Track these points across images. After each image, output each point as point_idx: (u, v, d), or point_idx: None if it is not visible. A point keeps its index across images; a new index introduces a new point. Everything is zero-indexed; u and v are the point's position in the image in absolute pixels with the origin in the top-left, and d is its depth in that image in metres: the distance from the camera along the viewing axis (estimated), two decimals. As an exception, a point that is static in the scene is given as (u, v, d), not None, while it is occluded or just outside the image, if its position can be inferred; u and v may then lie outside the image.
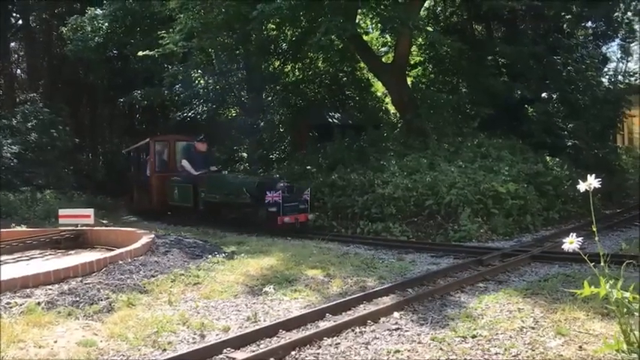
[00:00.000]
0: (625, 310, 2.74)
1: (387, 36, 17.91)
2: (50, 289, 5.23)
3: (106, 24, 17.94)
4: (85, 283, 5.48)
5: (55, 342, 4.00)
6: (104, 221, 12.05)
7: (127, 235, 8.43)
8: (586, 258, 2.90)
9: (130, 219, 14.72)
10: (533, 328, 4.01)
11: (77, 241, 8.87)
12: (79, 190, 17.24)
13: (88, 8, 18.07)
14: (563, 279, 5.48)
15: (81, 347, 3.92)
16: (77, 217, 9.24)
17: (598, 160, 14.06)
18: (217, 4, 12.94)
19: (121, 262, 6.26)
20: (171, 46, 13.41)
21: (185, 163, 12.81)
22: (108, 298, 5.11)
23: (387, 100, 18.95)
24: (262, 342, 4.05)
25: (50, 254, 8.14)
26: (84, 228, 9.05)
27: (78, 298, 5.04)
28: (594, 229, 2.95)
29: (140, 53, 14.81)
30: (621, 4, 16.26)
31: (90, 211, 9.24)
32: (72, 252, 8.35)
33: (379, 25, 14.92)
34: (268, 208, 9.93)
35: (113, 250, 7.18)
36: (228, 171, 15.57)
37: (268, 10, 11.74)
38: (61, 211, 9.47)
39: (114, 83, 21.50)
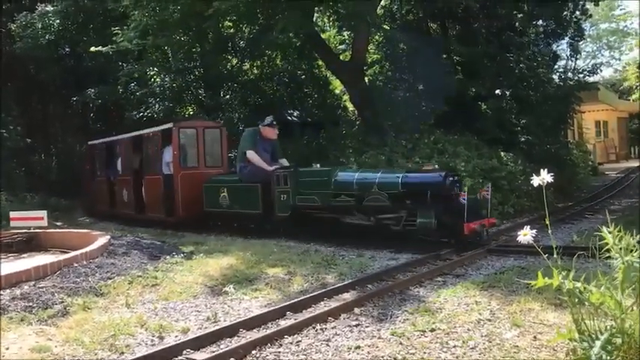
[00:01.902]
0: (577, 300, 2.82)
1: (345, 34, 18.00)
2: (1, 294, 5.07)
3: (57, 21, 17.46)
4: (39, 287, 5.33)
5: (7, 349, 3.88)
6: (58, 223, 11.75)
7: (82, 236, 8.24)
8: (540, 250, 2.97)
9: (85, 220, 14.36)
10: (489, 320, 4.09)
11: (30, 244, 8.62)
12: (31, 192, 16.71)
13: (38, 4, 17.55)
14: (519, 271, 5.61)
15: (35, 353, 3.82)
16: (30, 219, 8.99)
17: (550, 154, 14.47)
18: (172, 1, 12.74)
19: (76, 264, 6.12)
20: (125, 44, 13.16)
21: (252, 154, 9.35)
22: (63, 302, 4.99)
23: (346, 97, 19.04)
24: (222, 342, 4.02)
25: (2, 258, 7.88)
26: (37, 230, 8.81)
27: (31, 303, 4.90)
28: (547, 222, 3.03)
29: (92, 49, 14.47)
30: (570, 4, 16.74)
31: (43, 213, 9.00)
32: (25, 255, 8.10)
33: (337, 22, 14.98)
34: (446, 212, 7.31)
35: (68, 252, 7.00)
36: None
37: (224, 7, 11.64)
38: (13, 214, 9.20)
39: (66, 82, 20.88)
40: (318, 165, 9.21)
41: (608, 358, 2.61)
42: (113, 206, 13.78)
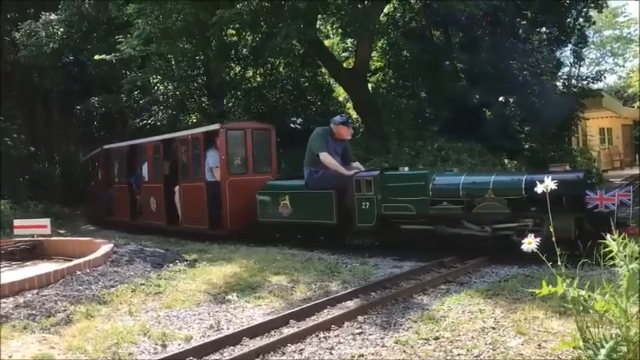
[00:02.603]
0: (581, 307, 2.80)
1: (348, 41, 18.06)
2: (5, 302, 5.06)
3: (62, 29, 17.57)
4: (42, 296, 5.32)
5: (10, 357, 3.87)
6: (61, 231, 11.76)
7: (85, 244, 8.24)
8: (544, 258, 2.96)
9: (88, 228, 14.39)
10: (494, 328, 4.07)
11: (33, 252, 8.62)
12: (34, 200, 16.79)
13: (42, 13, 17.66)
14: (523, 279, 5.58)
15: (37, 362, 3.81)
16: (33, 227, 8.99)
17: (554, 161, 14.45)
18: (175, 10, 12.81)
19: (79, 272, 6.11)
20: (129, 51, 13.24)
21: (326, 157, 8.17)
22: (66, 310, 4.98)
23: (349, 105, 19.10)
24: (225, 350, 4.00)
25: (5, 266, 7.88)
26: (40, 238, 8.80)
27: (34, 311, 4.89)
28: (552, 230, 3.01)
29: (97, 57, 14.55)
30: (573, 11, 16.79)
31: (46, 221, 9.00)
32: (28, 263, 8.11)
33: (340, 30, 15.04)
34: (588, 219, 6.38)
35: (71, 260, 6.99)
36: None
37: (228, 15, 11.71)
38: (17, 222, 9.20)
39: (70, 90, 21.03)
40: (407, 168, 8.60)
41: (614, 366, 2.59)
42: (135, 216, 12.76)
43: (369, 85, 16.70)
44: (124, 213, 13.12)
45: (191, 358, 3.78)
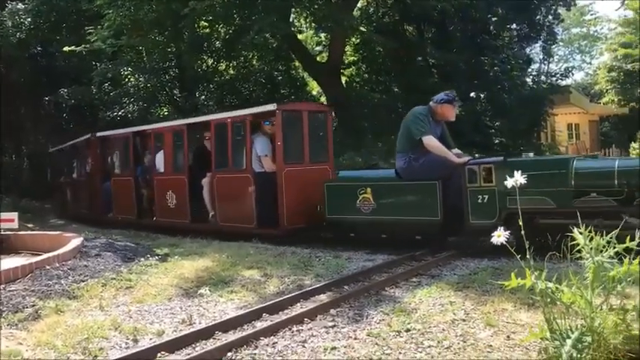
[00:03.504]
0: (549, 300, 2.87)
1: (322, 35, 18.07)
2: (-30, 298, 4.97)
3: (29, 19, 17.21)
4: (9, 291, 5.23)
5: (-23, 353, 3.80)
6: (30, 225, 11.54)
7: (54, 239, 8.11)
8: (513, 251, 3.01)
9: (57, 222, 14.15)
10: (464, 320, 4.13)
11: (0, 246, 8.45)
12: (1, 193, 16.43)
13: (9, 2, 17.25)
14: (492, 272, 5.66)
15: (4, 358, 3.74)
16: (1, 221, 8.81)
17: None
18: (147, 1, 12.65)
19: (48, 267, 6.01)
20: (99, 43, 13.02)
21: (431, 140, 6.98)
22: (34, 305, 4.90)
23: (323, 99, 19.10)
24: (198, 344, 3.99)
25: (-30, 261, 7.72)
26: (7, 233, 8.63)
27: (1, 307, 4.80)
28: (520, 223, 3.07)
29: (66, 48, 14.28)
30: (542, 9, 17.05)
31: (14, 215, 8.82)
32: (-6, 258, 7.95)
33: (313, 24, 15.03)
34: None
35: (40, 254, 6.88)
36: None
37: (200, 7, 11.60)
38: (-18, 216, 9.00)
39: (38, 81, 20.60)
40: (531, 154, 7.62)
41: (579, 356, 2.66)
42: (144, 214, 11.24)
43: (343, 80, 16.73)
44: (128, 210, 11.43)
45: (163, 352, 3.76)
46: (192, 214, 9.80)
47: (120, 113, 16.98)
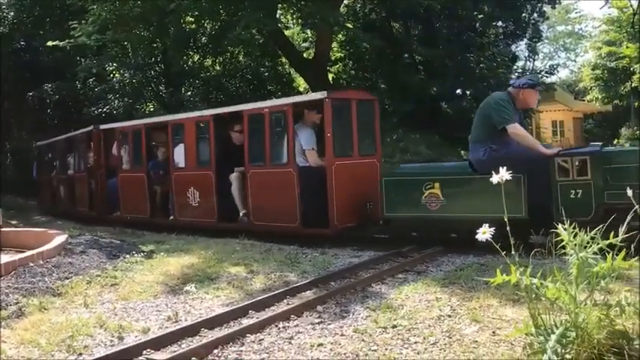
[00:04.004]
0: (533, 295, 2.89)
1: (308, 31, 18.04)
2: (-48, 296, 4.91)
3: (12, 13, 17.01)
4: (-8, 288, 5.17)
5: (-41, 352, 3.75)
6: (13, 222, 11.41)
7: (38, 235, 8.02)
8: (498, 247, 3.03)
9: (41, 219, 14.00)
10: (450, 316, 4.15)
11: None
12: (-16, 190, 16.24)
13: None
14: (478, 268, 5.70)
15: (-13, 356, 3.70)
16: (-18, 218, 8.71)
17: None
18: (132, -4, 12.56)
19: (32, 264, 5.95)
20: (83, 39, 12.89)
21: (518, 129, 6.40)
22: (18, 302, 4.85)
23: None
24: (184, 342, 3.97)
25: (-48, 258, 7.62)
26: (-10, 229, 8.54)
27: (-16, 304, 4.76)
28: (506, 220, 3.09)
29: (50, 43, 14.11)
30: (528, 6, 17.17)
31: (-3, 212, 8.74)
32: (-23, 255, 7.86)
33: (300, 20, 15.00)
34: None
35: (23, 251, 6.81)
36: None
37: (186, 2, 11.53)
38: (-36, 213, 8.87)
39: (22, 76, 20.36)
40: (627, 144, 7.02)
41: (563, 351, 2.68)
42: (156, 212, 10.52)
43: (330, 76, 16.73)
44: (139, 209, 10.65)
45: (148, 349, 3.74)
46: (220, 212, 9.09)
47: (105, 109, 16.83)
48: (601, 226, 2.95)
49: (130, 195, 10.96)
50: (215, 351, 3.74)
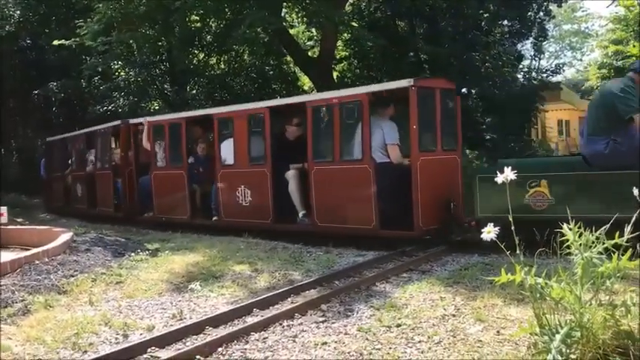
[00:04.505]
0: (538, 295, 2.88)
1: (313, 30, 18.01)
2: (-42, 293, 4.93)
3: (18, 12, 17.07)
4: (-2, 286, 5.20)
5: (-35, 349, 3.77)
6: (19, 220, 11.46)
7: (43, 233, 8.06)
8: (503, 247, 3.02)
9: (46, 217, 14.05)
10: (454, 315, 4.15)
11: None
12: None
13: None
14: (483, 267, 5.70)
15: (-7, 353, 3.72)
16: (-12, 215, 8.75)
17: (514, 152, 14.76)
18: (138, -6, 12.58)
19: (37, 262, 5.98)
20: (89, 37, 12.91)
21: None
22: (23, 300, 4.88)
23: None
24: (188, 340, 3.99)
25: (-42, 256, 7.66)
26: (-4, 227, 8.58)
27: (-10, 302, 4.78)
28: (510, 219, 3.08)
29: (56, 42, 14.13)
30: (534, 5, 17.10)
31: (3, 209, 8.78)
32: (-17, 253, 7.89)
33: (305, 19, 15.00)
34: None
35: (29, 249, 6.84)
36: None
37: (191, 1, 11.52)
38: (-29, 210, 8.90)
39: (27, 75, 20.43)
40: None
41: (568, 351, 2.67)
42: (197, 213, 9.81)
43: (334, 75, 16.70)
44: (178, 209, 9.86)
45: (153, 347, 3.76)
46: (274, 212, 8.36)
47: (110, 107, 16.86)
48: (607, 225, 2.93)
49: (165, 194, 10.16)
50: (219, 349, 3.76)
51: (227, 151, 9.09)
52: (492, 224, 2.98)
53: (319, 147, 7.98)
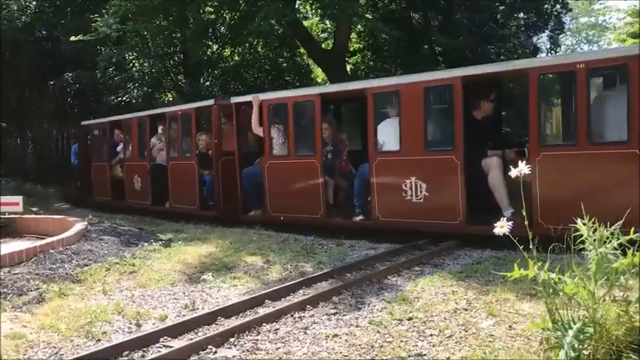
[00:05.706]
0: (551, 290, 2.87)
1: (327, 22, 17.95)
2: (-25, 281, 5.00)
3: (34, 3, 17.15)
4: (14, 274, 5.26)
5: (-19, 335, 3.83)
6: (34, 209, 11.58)
7: (58, 223, 8.14)
8: (516, 241, 3.00)
9: (61, 206, 14.17)
10: (466, 309, 4.14)
11: (5, 229, 8.49)
12: (6, 177, 16.45)
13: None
14: (495, 262, 5.67)
15: (9, 340, 3.77)
16: (5, 204, 8.83)
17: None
18: (153, -14, 12.58)
19: (52, 251, 6.05)
20: (105, 30, 12.93)
21: None
22: (38, 288, 4.93)
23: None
24: (200, 330, 4.02)
25: (-25, 244, 7.76)
26: (12, 216, 8.67)
27: (6, 290, 4.84)
28: (524, 214, 3.06)
29: (73, 38, 14.16)
30: (551, -3, 16.90)
31: (19, 199, 8.86)
32: (-1, 241, 8.00)
33: (319, 10, 14.93)
34: None
35: (44, 238, 6.91)
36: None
37: (206, -8, 11.52)
38: (-13, 199, 8.98)
39: (43, 65, 20.56)
40: None
41: (580, 347, 2.66)
42: (330, 210, 8.20)
43: (348, 67, 16.65)
44: (308, 207, 8.11)
45: (166, 337, 3.79)
46: (466, 209, 6.76)
47: (124, 98, 16.94)
48: (621, 221, 2.90)
49: (285, 189, 8.45)
50: (231, 339, 3.78)
51: (387, 135, 7.40)
52: (505, 219, 2.96)
53: (552, 126, 6.51)
